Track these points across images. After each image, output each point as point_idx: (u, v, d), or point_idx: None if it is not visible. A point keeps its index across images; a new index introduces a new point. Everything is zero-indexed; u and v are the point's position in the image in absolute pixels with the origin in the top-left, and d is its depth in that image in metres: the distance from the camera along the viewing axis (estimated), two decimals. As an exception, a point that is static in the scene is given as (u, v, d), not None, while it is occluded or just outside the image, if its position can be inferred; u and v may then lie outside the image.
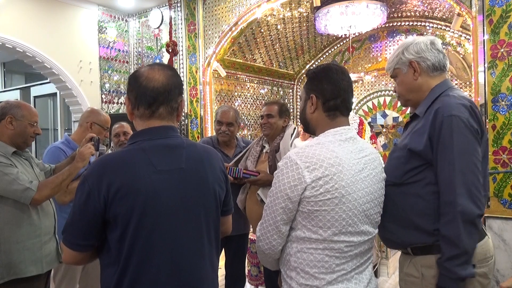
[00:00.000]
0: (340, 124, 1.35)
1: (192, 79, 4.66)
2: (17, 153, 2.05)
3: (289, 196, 1.25)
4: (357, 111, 5.53)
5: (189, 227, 1.22)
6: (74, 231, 1.19)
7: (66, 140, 2.59)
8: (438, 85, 1.51)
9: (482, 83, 2.98)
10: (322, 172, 1.22)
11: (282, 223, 1.29)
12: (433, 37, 1.56)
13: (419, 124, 1.47)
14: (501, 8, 2.88)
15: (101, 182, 1.15)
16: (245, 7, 4.27)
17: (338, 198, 1.23)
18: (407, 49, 1.54)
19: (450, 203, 1.35)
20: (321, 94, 1.35)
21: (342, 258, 1.27)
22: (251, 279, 3.34)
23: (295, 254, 1.29)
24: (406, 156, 1.47)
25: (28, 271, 1.95)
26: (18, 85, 6.79)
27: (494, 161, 2.91)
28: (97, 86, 4.91)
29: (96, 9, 4.89)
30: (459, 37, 4.77)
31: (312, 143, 1.32)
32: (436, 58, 1.51)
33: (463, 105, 1.39)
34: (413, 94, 1.56)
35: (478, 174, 1.36)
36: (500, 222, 2.86)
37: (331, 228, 1.24)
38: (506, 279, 2.76)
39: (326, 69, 1.38)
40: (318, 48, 5.86)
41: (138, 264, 1.17)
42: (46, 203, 2.09)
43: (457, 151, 1.35)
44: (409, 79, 1.55)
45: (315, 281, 1.25)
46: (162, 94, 1.23)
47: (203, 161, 1.29)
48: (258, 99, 5.60)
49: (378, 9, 4.10)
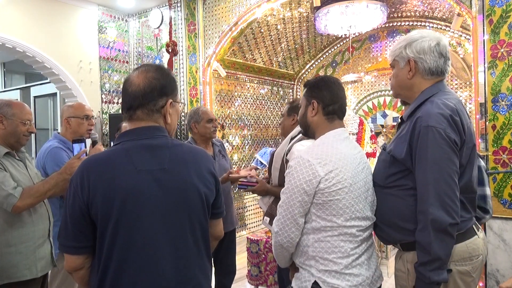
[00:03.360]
0: (337, 126, 1.58)
1: (192, 79, 4.66)
2: (10, 154, 2.01)
3: (305, 190, 1.42)
4: (357, 111, 5.53)
5: (170, 228, 1.21)
6: (67, 234, 1.21)
7: (60, 139, 2.48)
8: (428, 88, 1.52)
9: (482, 83, 2.98)
10: (333, 165, 1.42)
11: (299, 215, 1.45)
12: (439, 38, 1.53)
13: (404, 130, 1.52)
14: (501, 8, 2.88)
15: (83, 183, 1.17)
16: (245, 7, 4.27)
17: (347, 187, 1.43)
18: (410, 45, 1.52)
19: (423, 212, 1.40)
20: (322, 100, 1.57)
21: (355, 242, 1.45)
22: (251, 279, 3.34)
23: (312, 244, 1.46)
24: (389, 161, 1.53)
25: (21, 275, 1.91)
26: (18, 85, 6.78)
27: (494, 161, 2.91)
28: (97, 86, 4.91)
29: (96, 9, 4.89)
30: (459, 37, 4.77)
31: (317, 143, 1.53)
32: (435, 62, 1.51)
33: (442, 115, 1.40)
34: (403, 91, 1.60)
35: (452, 184, 1.39)
36: (500, 222, 2.86)
37: (343, 215, 1.43)
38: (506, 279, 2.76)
39: (325, 79, 1.62)
40: (318, 48, 5.86)
41: (118, 265, 1.17)
42: (40, 205, 2.04)
43: (431, 162, 1.39)
44: (403, 75, 1.56)
45: (334, 266, 1.42)
46: (137, 98, 1.25)
47: (187, 162, 1.28)
48: (258, 99, 5.60)
49: (378, 9, 4.09)
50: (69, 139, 2.44)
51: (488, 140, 2.94)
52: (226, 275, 2.99)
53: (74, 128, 2.49)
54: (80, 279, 1.26)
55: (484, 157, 2.97)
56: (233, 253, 3.02)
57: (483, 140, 2.97)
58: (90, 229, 1.19)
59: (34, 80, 6.42)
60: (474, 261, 1.49)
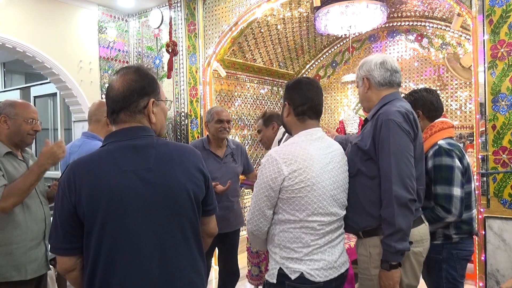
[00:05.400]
0: (310, 126, 1.66)
1: (192, 79, 4.66)
2: (12, 153, 2.01)
3: (271, 186, 1.55)
4: (357, 111, 5.53)
5: (157, 227, 1.22)
6: (57, 236, 1.22)
7: (98, 139, 2.33)
8: (386, 96, 1.83)
9: (482, 83, 2.98)
10: (297, 165, 1.53)
11: (266, 208, 1.59)
12: (385, 57, 1.87)
13: (368, 127, 1.80)
14: (501, 8, 2.88)
15: (70, 184, 1.19)
16: (245, 7, 4.27)
17: (310, 186, 1.54)
18: (362, 66, 1.90)
19: (387, 190, 1.65)
20: (292, 102, 1.68)
21: (316, 235, 1.57)
22: (251, 278, 3.34)
23: (278, 233, 1.60)
24: (355, 153, 1.78)
25: (9, 276, 1.89)
26: (18, 85, 6.78)
27: (494, 161, 2.91)
28: (97, 86, 4.91)
29: (96, 9, 4.89)
30: (459, 37, 4.77)
31: (288, 143, 1.63)
32: (383, 76, 1.83)
33: (399, 111, 1.70)
34: (365, 102, 1.93)
35: (410, 166, 1.66)
36: (500, 222, 2.86)
37: (305, 211, 1.55)
38: (506, 279, 2.76)
39: (297, 81, 1.71)
40: (318, 48, 5.86)
41: (105, 265, 1.18)
42: (36, 207, 2.03)
43: (393, 148, 1.66)
44: (362, 90, 1.91)
45: (295, 254, 1.56)
46: (118, 102, 1.27)
47: (174, 160, 1.28)
48: (258, 99, 5.60)
49: (378, 9, 4.09)
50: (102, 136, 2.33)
51: (488, 140, 2.94)
52: (230, 276, 2.99)
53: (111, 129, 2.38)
54: (74, 280, 1.27)
55: (484, 157, 2.97)
56: (235, 254, 3.02)
57: (483, 140, 2.97)
58: (80, 230, 1.20)
59: (34, 80, 6.42)
60: (424, 244, 1.81)
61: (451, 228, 2.05)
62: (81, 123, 4.74)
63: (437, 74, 4.98)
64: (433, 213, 1.99)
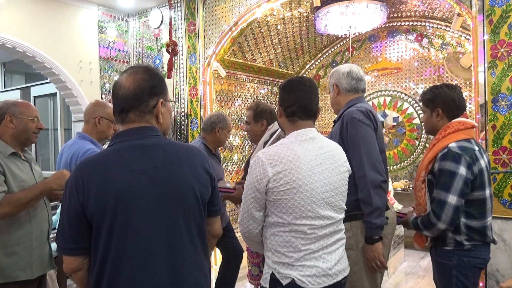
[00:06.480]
0: (301, 127, 1.62)
1: (192, 79, 4.66)
2: (16, 154, 2.02)
3: (257, 187, 1.52)
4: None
5: (164, 226, 1.22)
6: (64, 236, 1.22)
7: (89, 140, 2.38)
8: (351, 100, 2.11)
9: (482, 83, 2.98)
10: (282, 167, 1.49)
11: (254, 210, 1.56)
12: (352, 67, 2.14)
13: (336, 127, 2.06)
14: (501, 8, 2.88)
15: (78, 185, 1.18)
16: (245, 7, 4.27)
17: (296, 189, 1.49)
18: (332, 75, 2.18)
19: (362, 176, 1.90)
20: (283, 103, 1.67)
21: (307, 239, 1.51)
22: (252, 278, 3.34)
23: (269, 237, 1.57)
24: None
25: (16, 276, 1.91)
26: (18, 85, 6.78)
27: (494, 161, 2.91)
28: (97, 86, 4.91)
29: (96, 9, 4.89)
30: (459, 37, 4.77)
31: (277, 144, 1.61)
32: (349, 84, 2.12)
33: (360, 110, 1.97)
34: (335, 106, 2.21)
35: (377, 152, 1.94)
36: (500, 222, 2.86)
37: (292, 214, 1.50)
38: (506, 279, 2.77)
39: (287, 82, 1.71)
40: (318, 48, 5.86)
41: (114, 264, 1.18)
42: (41, 207, 2.04)
43: (361, 139, 1.92)
44: (333, 95, 2.19)
45: (286, 258, 1.52)
46: (128, 101, 1.25)
47: (181, 160, 1.28)
48: (258, 99, 5.60)
49: (378, 9, 4.09)
50: (95, 139, 2.38)
51: (488, 140, 2.95)
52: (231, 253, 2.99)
53: (103, 129, 2.43)
54: (80, 280, 1.27)
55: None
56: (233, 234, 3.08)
57: (483, 140, 2.97)
58: (87, 230, 1.20)
59: (34, 80, 6.41)
60: (390, 226, 2.06)
61: (462, 234, 1.94)
62: (81, 123, 4.71)
63: (437, 74, 4.98)
64: (426, 217, 1.97)
